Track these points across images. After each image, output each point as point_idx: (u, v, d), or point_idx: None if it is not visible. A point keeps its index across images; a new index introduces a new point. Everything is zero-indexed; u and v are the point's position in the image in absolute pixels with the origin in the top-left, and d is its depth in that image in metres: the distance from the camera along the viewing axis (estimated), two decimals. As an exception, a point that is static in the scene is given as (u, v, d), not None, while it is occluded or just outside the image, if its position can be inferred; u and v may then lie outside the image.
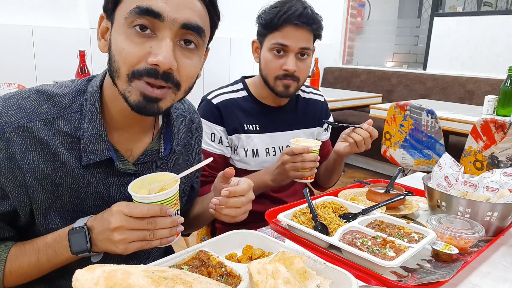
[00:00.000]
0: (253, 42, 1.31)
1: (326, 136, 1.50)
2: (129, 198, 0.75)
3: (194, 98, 1.33)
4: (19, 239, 0.79)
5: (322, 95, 1.50)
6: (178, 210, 0.77)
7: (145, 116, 0.74)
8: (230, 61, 3.85)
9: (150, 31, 0.68)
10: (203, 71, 0.78)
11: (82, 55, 2.28)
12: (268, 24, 1.20)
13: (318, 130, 1.45)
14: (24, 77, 2.61)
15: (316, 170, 1.20)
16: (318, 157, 1.17)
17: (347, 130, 1.25)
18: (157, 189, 0.74)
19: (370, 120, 1.25)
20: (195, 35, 0.71)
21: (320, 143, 1.20)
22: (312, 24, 1.19)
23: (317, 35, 1.25)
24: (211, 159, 0.81)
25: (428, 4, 4.75)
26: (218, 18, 0.78)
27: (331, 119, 1.49)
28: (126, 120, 0.79)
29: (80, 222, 0.73)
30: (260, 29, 1.25)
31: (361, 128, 1.22)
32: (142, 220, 0.70)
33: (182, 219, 0.76)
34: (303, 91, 1.44)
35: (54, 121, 0.73)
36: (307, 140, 1.24)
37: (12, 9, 2.60)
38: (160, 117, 0.88)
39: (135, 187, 0.74)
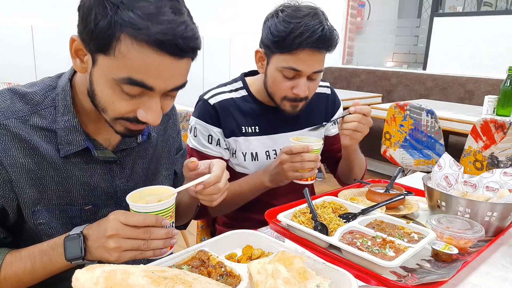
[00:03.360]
0: (257, 51, 1.18)
1: (335, 130, 1.40)
2: (114, 187, 0.80)
3: (194, 98, 1.32)
4: (12, 242, 0.80)
5: (328, 86, 1.38)
6: (173, 222, 0.79)
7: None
8: (230, 61, 3.85)
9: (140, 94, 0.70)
10: (203, 71, 0.81)
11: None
12: (280, 43, 1.06)
13: (327, 125, 1.35)
14: (24, 77, 2.61)
15: (317, 171, 1.13)
16: (319, 157, 1.12)
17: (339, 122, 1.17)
18: (154, 201, 0.75)
19: (356, 101, 1.16)
20: (178, 90, 0.74)
21: (322, 142, 1.14)
22: (329, 47, 1.09)
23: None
24: (208, 175, 0.80)
25: (428, 4, 4.75)
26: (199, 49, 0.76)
27: (341, 109, 1.39)
28: (100, 115, 0.80)
29: (76, 230, 0.74)
30: (267, 42, 1.11)
31: (349, 113, 1.13)
32: (138, 229, 0.71)
33: (176, 232, 0.77)
34: None
35: (29, 118, 0.75)
36: (308, 139, 1.17)
37: (12, 9, 2.60)
38: None
39: (133, 198, 0.76)
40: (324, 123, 1.19)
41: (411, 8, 5.70)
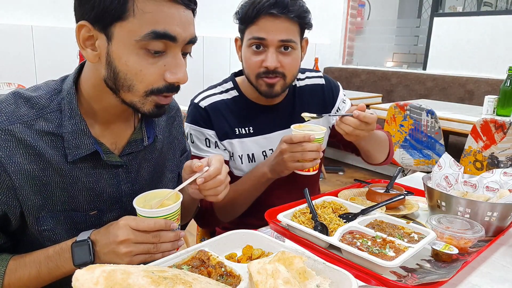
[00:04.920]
0: (236, 39, 1.18)
1: (344, 111, 1.32)
2: (119, 191, 0.80)
3: (194, 95, 1.32)
4: (12, 246, 0.79)
5: (321, 76, 1.32)
6: (179, 224, 0.80)
7: (155, 118, 0.77)
8: (230, 61, 3.85)
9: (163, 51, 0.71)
10: (203, 71, 0.83)
11: (82, 55, 2.29)
12: (243, 18, 1.08)
13: (327, 117, 1.29)
14: (24, 77, 2.61)
15: (319, 161, 1.07)
16: (322, 146, 1.06)
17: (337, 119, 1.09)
18: (158, 204, 0.77)
19: (362, 105, 1.07)
20: (192, 45, 0.76)
21: (325, 130, 1.08)
22: (290, 12, 1.04)
23: (304, 24, 1.10)
24: (206, 168, 0.81)
25: (428, 4, 4.75)
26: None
27: (341, 93, 1.34)
28: (110, 116, 0.81)
29: (83, 235, 0.74)
30: (238, 25, 1.13)
31: (351, 115, 1.04)
32: (148, 234, 0.72)
33: (183, 233, 0.78)
34: (299, 79, 1.28)
35: (35, 122, 0.73)
36: (310, 126, 1.10)
37: (12, 9, 2.60)
38: None
39: (138, 203, 0.77)
40: (322, 114, 1.12)
41: (411, 8, 5.70)
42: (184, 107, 2.02)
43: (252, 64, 1.10)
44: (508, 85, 2.53)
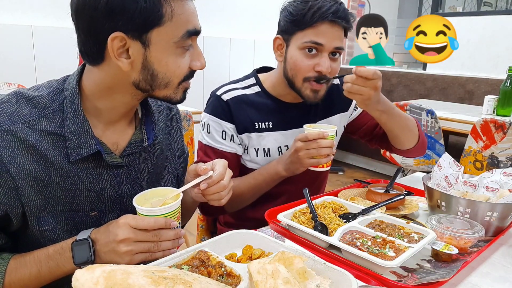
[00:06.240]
0: (276, 38, 1.19)
1: (357, 111, 1.36)
2: (120, 192, 0.81)
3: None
4: (12, 246, 0.79)
5: (335, 76, 1.35)
6: (179, 223, 0.80)
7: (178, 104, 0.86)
8: (230, 61, 3.85)
9: None
10: (203, 71, 0.85)
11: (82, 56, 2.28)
12: (299, 20, 1.10)
13: (344, 115, 1.33)
14: (24, 77, 2.61)
15: (332, 157, 1.12)
16: (334, 143, 1.12)
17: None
18: (159, 203, 0.77)
19: (362, 67, 1.08)
20: None
21: (336, 128, 1.14)
22: (348, 21, 1.12)
23: (346, 33, 1.17)
24: (211, 172, 0.82)
25: (428, 4, 4.75)
26: None
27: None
28: (116, 114, 0.81)
29: (83, 234, 0.74)
30: (286, 25, 1.14)
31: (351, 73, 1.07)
32: (148, 233, 0.72)
33: (183, 232, 0.78)
34: None
35: (37, 122, 0.73)
36: (321, 126, 1.16)
37: (12, 9, 2.60)
38: (139, 108, 0.90)
39: (138, 201, 0.77)
40: (328, 78, 1.14)
41: (411, 8, 5.70)
42: (184, 108, 2.02)
43: (304, 67, 1.12)
44: (508, 85, 2.53)
